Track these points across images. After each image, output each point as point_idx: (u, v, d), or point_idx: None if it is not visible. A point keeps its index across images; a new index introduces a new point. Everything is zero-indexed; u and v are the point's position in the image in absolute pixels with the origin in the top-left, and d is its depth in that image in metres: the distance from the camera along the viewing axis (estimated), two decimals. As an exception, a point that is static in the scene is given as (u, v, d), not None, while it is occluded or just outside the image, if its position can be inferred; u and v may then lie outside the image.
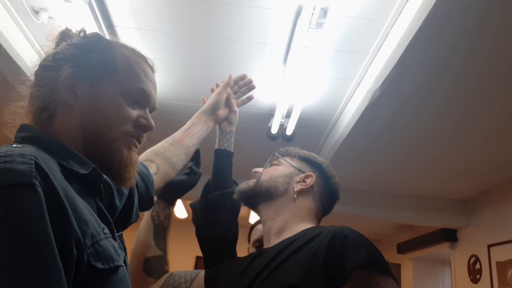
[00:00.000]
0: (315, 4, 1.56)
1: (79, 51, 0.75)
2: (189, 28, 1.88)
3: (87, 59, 0.74)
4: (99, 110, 0.73)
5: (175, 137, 1.15)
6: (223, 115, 1.26)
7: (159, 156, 1.08)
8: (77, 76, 0.73)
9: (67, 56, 0.74)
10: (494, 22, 1.58)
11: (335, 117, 2.55)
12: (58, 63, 0.73)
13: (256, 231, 1.52)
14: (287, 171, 1.09)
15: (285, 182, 1.07)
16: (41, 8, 1.74)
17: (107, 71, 0.75)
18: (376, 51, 1.88)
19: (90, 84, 0.73)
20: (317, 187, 1.08)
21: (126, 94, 0.76)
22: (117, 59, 0.77)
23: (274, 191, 1.06)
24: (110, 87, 0.75)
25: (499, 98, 2.11)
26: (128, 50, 0.81)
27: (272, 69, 2.10)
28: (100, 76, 0.74)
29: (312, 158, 1.13)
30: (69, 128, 0.72)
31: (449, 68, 1.89)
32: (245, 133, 2.81)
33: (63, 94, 0.72)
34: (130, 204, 0.89)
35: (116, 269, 0.65)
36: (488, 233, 3.48)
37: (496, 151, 2.72)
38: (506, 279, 3.17)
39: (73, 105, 0.72)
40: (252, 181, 1.11)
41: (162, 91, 2.43)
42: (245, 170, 1.32)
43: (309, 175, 1.08)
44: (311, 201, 1.06)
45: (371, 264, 0.78)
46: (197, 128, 1.19)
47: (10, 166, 0.55)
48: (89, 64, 0.74)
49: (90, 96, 0.73)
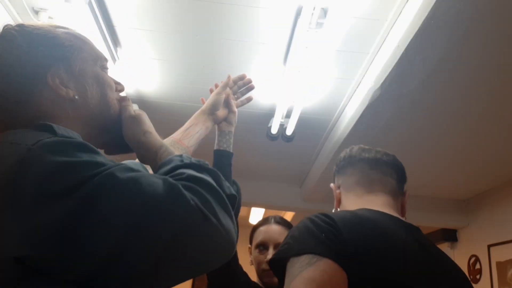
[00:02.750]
0: (315, 4, 1.56)
1: (42, 48, 0.70)
2: (189, 28, 1.87)
3: (54, 51, 0.71)
4: (95, 90, 0.75)
5: (174, 138, 1.15)
6: (222, 116, 1.26)
7: None
8: (59, 70, 0.70)
9: (36, 59, 0.69)
10: (494, 22, 1.58)
11: (335, 117, 2.55)
12: (34, 70, 0.69)
13: (259, 233, 1.50)
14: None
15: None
16: (41, 8, 1.74)
17: (74, 52, 0.73)
18: (376, 51, 1.88)
19: (72, 70, 0.72)
20: (342, 188, 1.11)
21: (96, 64, 0.77)
22: (72, 40, 0.75)
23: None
24: (85, 64, 0.75)
25: (499, 98, 2.11)
26: (65, 29, 0.76)
27: (272, 69, 2.10)
28: (74, 60, 0.73)
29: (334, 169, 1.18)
30: (77, 122, 0.72)
31: (449, 68, 1.89)
32: (245, 133, 2.81)
33: (63, 94, 0.70)
34: None
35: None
36: (488, 233, 3.48)
37: (496, 151, 2.72)
38: (506, 279, 3.17)
39: (76, 98, 0.71)
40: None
41: (162, 91, 2.43)
42: (246, 170, 1.31)
43: (332, 188, 1.14)
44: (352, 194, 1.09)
45: (286, 253, 0.81)
46: (196, 129, 1.19)
47: (63, 132, 0.61)
48: (59, 54, 0.71)
49: (80, 81, 0.73)
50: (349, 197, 1.06)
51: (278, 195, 3.92)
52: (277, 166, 3.53)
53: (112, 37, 1.92)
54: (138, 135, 0.80)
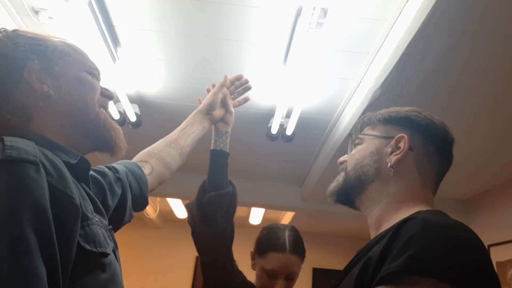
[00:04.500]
0: (315, 4, 1.56)
1: (23, 47, 0.74)
2: (189, 28, 1.87)
3: (35, 51, 0.75)
4: (75, 90, 0.76)
5: (170, 138, 1.16)
6: (218, 116, 1.26)
7: (153, 157, 1.09)
8: (36, 67, 0.73)
9: (16, 55, 0.73)
10: (494, 22, 1.58)
11: (335, 117, 2.55)
12: (12, 65, 0.73)
13: (273, 259, 1.32)
14: (372, 147, 0.87)
15: (374, 160, 0.85)
16: (41, 8, 1.74)
17: (58, 55, 0.77)
18: (376, 51, 1.88)
19: (51, 69, 0.75)
20: (417, 147, 0.84)
21: (83, 70, 0.79)
22: (60, 46, 0.79)
23: (365, 178, 0.85)
24: (69, 67, 0.77)
25: (499, 98, 2.11)
26: (57, 39, 0.81)
27: (272, 69, 2.10)
28: (55, 61, 0.76)
29: (395, 115, 0.89)
30: (53, 118, 0.73)
31: (449, 68, 1.88)
32: (245, 133, 2.81)
33: (37, 88, 0.72)
34: (123, 204, 0.90)
35: (104, 255, 0.67)
36: (488, 233, 3.48)
37: (496, 151, 2.72)
38: (506, 279, 3.17)
39: (51, 94, 0.73)
40: (340, 176, 0.93)
41: (162, 91, 2.43)
42: (246, 170, 1.31)
43: (400, 138, 0.84)
44: (415, 172, 0.83)
45: (416, 268, 0.57)
46: (192, 129, 1.19)
47: (17, 145, 0.58)
48: (40, 54, 0.75)
49: (61, 80, 0.75)
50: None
51: (278, 195, 3.92)
52: (277, 166, 3.53)
53: (112, 37, 1.92)
54: None
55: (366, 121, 0.95)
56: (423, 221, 0.64)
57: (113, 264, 0.69)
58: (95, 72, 0.82)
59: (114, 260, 0.71)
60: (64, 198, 0.59)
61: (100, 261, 0.66)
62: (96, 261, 0.65)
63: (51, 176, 0.59)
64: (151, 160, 1.08)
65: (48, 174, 0.59)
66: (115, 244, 0.76)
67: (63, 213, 0.58)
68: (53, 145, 0.70)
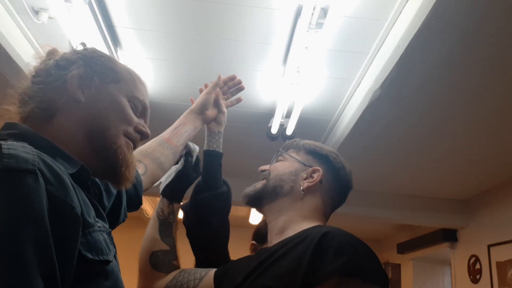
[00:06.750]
0: (315, 4, 1.56)
1: (88, 56, 0.78)
2: (189, 28, 1.87)
3: (96, 64, 0.77)
4: (105, 108, 0.76)
5: (163, 137, 1.15)
6: (211, 116, 1.26)
7: (147, 157, 1.08)
8: (86, 75, 0.76)
9: (75, 59, 0.77)
10: (494, 23, 1.58)
11: (335, 117, 2.55)
12: (66, 63, 0.76)
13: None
14: (292, 168, 1.03)
15: (291, 180, 1.00)
16: (41, 8, 1.74)
17: (113, 77, 0.79)
18: (376, 51, 1.88)
19: (98, 84, 0.76)
20: (326, 182, 1.00)
21: (130, 100, 0.79)
22: (121, 70, 0.81)
23: (280, 190, 1.00)
24: (116, 91, 0.78)
25: (499, 98, 2.11)
26: (126, 66, 0.85)
27: (272, 69, 2.10)
28: (107, 80, 0.78)
29: (318, 150, 1.04)
30: (72, 124, 0.73)
31: (449, 68, 1.88)
32: (245, 133, 2.81)
33: (71, 91, 0.73)
34: (118, 204, 0.89)
35: (106, 263, 0.66)
36: (488, 233, 3.48)
37: (496, 151, 2.72)
38: (506, 279, 3.17)
39: (80, 101, 0.74)
40: (260, 183, 1.06)
41: (162, 91, 2.43)
42: (245, 170, 1.32)
43: (316, 169, 1.00)
44: (319, 199, 1.00)
45: (350, 271, 0.74)
46: (185, 128, 1.19)
47: (15, 153, 0.57)
48: (98, 68, 0.77)
49: (97, 94, 0.76)
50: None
51: (278, 195, 3.91)
52: (277, 166, 3.53)
53: (112, 37, 1.92)
54: None
55: (294, 145, 1.09)
56: (341, 233, 0.81)
57: (115, 271, 0.69)
58: (137, 104, 0.80)
59: (116, 266, 0.70)
60: (64, 207, 0.58)
61: (102, 269, 0.65)
62: (98, 269, 0.65)
63: (50, 184, 0.57)
64: (145, 160, 1.07)
65: (48, 183, 0.57)
66: (114, 247, 0.76)
67: (63, 223, 0.57)
68: (56, 151, 0.68)
